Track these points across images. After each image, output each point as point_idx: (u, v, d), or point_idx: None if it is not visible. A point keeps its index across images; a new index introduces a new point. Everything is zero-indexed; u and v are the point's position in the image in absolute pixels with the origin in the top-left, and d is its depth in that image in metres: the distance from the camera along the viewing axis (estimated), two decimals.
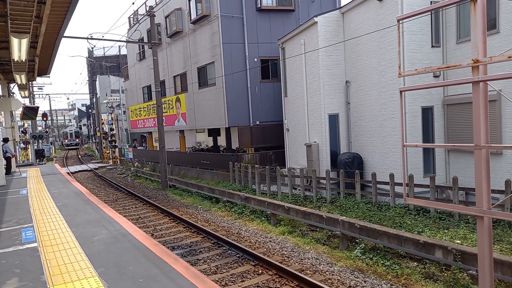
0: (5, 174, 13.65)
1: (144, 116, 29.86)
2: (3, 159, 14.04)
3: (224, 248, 9.00)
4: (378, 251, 8.07)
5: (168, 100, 25.43)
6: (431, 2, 11.38)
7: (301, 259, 8.04)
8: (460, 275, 6.56)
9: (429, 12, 10.73)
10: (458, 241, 7.53)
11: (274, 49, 19.07)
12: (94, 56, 45.08)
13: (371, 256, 7.87)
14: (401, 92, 4.31)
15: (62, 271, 4.47)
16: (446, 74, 11.27)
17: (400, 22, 4.24)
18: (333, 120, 14.34)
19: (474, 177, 3.70)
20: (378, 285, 6.58)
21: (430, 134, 11.78)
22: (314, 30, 14.29)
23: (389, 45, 11.92)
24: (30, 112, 22.82)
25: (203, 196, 15.94)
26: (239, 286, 6.78)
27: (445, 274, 6.88)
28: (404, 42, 11.25)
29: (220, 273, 7.43)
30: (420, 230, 8.66)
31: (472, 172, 9.42)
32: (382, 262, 7.55)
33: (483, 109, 3.54)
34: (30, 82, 26.61)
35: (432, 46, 11.62)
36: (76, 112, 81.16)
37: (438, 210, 9.81)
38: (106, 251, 5.18)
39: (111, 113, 36.80)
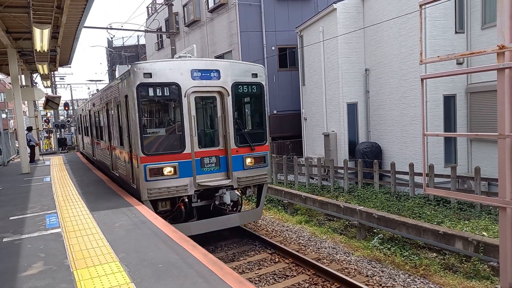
0: (29, 162, 14.04)
1: None
2: (27, 147, 14.44)
3: (241, 236, 9.08)
4: (396, 242, 8.00)
5: None
6: None
7: (318, 248, 8.05)
8: (480, 266, 6.45)
9: None
10: (477, 232, 7.39)
11: (292, 37, 18.84)
12: (113, 46, 45.58)
13: (389, 246, 7.81)
14: (422, 79, 4.22)
15: (85, 256, 4.60)
16: (470, 61, 10.93)
17: (423, 7, 4.12)
18: (352, 109, 14.15)
19: (497, 167, 3.61)
20: (396, 275, 6.53)
21: (452, 123, 11.51)
22: (333, 17, 14.05)
23: (410, 31, 11.61)
24: (52, 102, 23.35)
25: None
26: (256, 273, 6.85)
27: (465, 265, 6.78)
28: (426, 28, 10.95)
29: (237, 261, 7.52)
30: (440, 220, 8.53)
31: (495, 162, 9.18)
32: (400, 252, 7.49)
33: (508, 97, 3.44)
34: (52, 72, 27.18)
35: (456, 32, 11.27)
36: None
37: (459, 201, 9.62)
38: (126, 237, 5.29)
39: None
